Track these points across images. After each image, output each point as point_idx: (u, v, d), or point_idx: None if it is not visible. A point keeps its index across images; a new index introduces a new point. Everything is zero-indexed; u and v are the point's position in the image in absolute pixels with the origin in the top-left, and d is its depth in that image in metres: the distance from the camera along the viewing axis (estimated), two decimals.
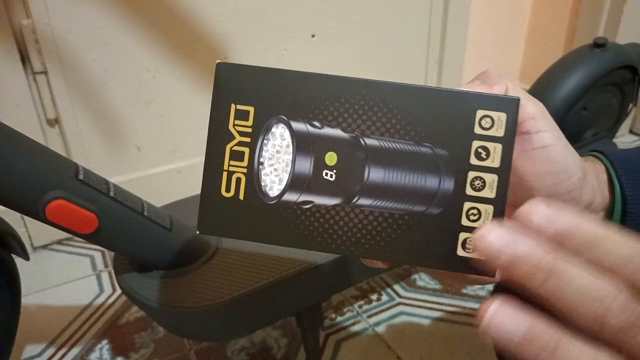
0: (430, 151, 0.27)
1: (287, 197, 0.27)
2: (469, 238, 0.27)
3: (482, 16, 1.44)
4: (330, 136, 0.27)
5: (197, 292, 0.60)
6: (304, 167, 0.27)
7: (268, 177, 0.27)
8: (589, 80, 0.97)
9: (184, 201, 0.79)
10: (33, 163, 0.51)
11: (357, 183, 0.27)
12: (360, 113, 0.27)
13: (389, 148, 0.27)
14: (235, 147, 0.28)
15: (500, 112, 0.26)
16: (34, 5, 0.88)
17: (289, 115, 0.27)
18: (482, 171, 0.26)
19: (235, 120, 0.28)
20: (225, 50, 1.08)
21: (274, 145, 0.27)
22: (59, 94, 0.95)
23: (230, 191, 0.28)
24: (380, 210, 0.27)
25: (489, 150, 0.26)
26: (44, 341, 0.83)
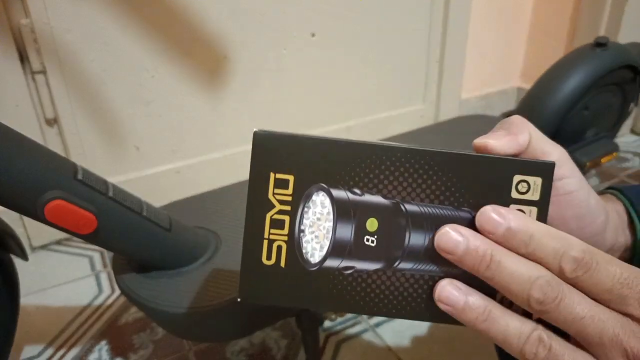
0: (469, 215, 0.28)
1: (328, 264, 0.28)
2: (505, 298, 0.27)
3: (483, 16, 1.44)
4: (371, 203, 0.28)
5: (197, 292, 0.60)
6: (345, 233, 0.28)
7: (309, 244, 0.28)
8: (590, 79, 0.97)
9: (183, 201, 0.79)
10: (32, 163, 0.50)
11: (399, 248, 0.28)
12: (400, 180, 0.28)
13: (429, 214, 0.28)
14: (275, 216, 0.28)
15: (536, 177, 0.27)
16: (33, 5, 0.87)
17: (329, 183, 0.28)
18: None
19: (275, 189, 0.28)
20: (225, 50, 1.08)
21: (314, 213, 0.28)
22: (57, 94, 0.95)
23: (271, 259, 0.28)
24: (420, 274, 0.28)
25: (525, 213, 0.27)
26: (43, 342, 0.83)
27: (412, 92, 1.41)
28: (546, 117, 0.98)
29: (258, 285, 0.28)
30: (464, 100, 1.52)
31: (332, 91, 1.26)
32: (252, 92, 1.15)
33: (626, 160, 1.37)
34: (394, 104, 1.38)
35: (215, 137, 1.15)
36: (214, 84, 1.10)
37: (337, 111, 1.29)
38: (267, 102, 1.18)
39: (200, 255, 0.65)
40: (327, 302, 0.28)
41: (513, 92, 1.63)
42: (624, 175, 1.30)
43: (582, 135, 1.05)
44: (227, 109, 1.13)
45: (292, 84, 1.19)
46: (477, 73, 1.52)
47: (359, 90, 1.30)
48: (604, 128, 1.09)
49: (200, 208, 0.77)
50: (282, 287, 0.28)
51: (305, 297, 0.28)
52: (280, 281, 0.28)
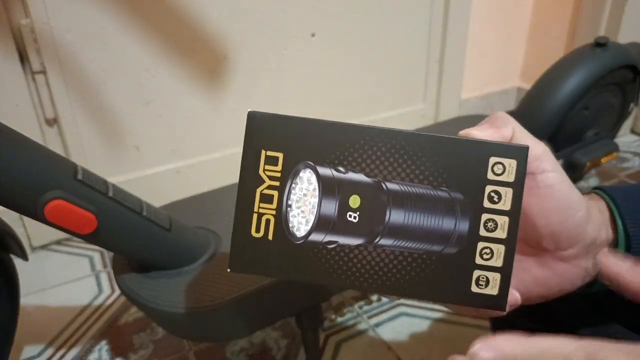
0: (447, 195, 0.29)
1: (313, 238, 0.29)
2: (482, 275, 0.29)
3: (483, 15, 1.43)
4: (354, 180, 0.29)
5: (197, 292, 0.60)
6: (329, 209, 0.29)
7: (295, 218, 0.29)
8: (590, 79, 0.97)
9: (183, 201, 0.79)
10: (32, 163, 0.50)
11: (379, 224, 0.29)
12: (382, 159, 0.29)
13: (408, 192, 0.29)
14: (265, 191, 0.30)
15: (511, 159, 0.29)
16: (33, 5, 0.87)
17: (316, 161, 0.29)
18: (494, 214, 0.29)
19: (266, 165, 0.30)
20: (225, 50, 1.08)
21: (301, 189, 0.29)
22: (57, 94, 0.95)
23: (260, 232, 0.30)
24: (400, 250, 0.29)
25: (500, 194, 0.29)
26: (43, 342, 0.83)
27: (412, 92, 1.41)
28: (546, 117, 0.98)
29: (247, 257, 0.30)
30: (464, 100, 1.52)
31: (332, 91, 1.25)
32: (252, 92, 1.15)
33: (626, 160, 1.37)
34: (394, 104, 1.38)
35: (215, 137, 1.14)
36: (214, 84, 1.10)
37: (337, 111, 1.29)
38: (267, 102, 1.18)
39: (200, 255, 0.65)
40: (310, 275, 0.30)
41: (513, 92, 1.63)
42: (623, 175, 1.30)
43: (582, 135, 1.05)
44: (227, 109, 1.13)
45: (292, 84, 1.19)
46: (477, 73, 1.52)
47: (359, 90, 1.30)
48: (604, 128, 1.09)
49: (200, 208, 0.77)
50: (269, 259, 0.30)
51: (290, 269, 0.30)
52: (267, 253, 0.30)
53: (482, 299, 0.29)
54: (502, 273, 0.29)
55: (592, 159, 1.03)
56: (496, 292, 0.29)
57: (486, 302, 0.29)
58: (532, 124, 1.00)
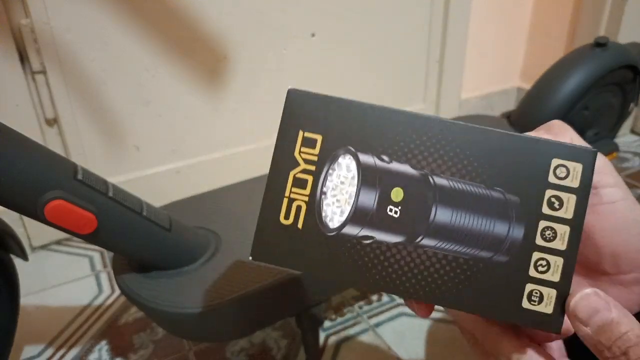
0: (501, 196, 0.26)
1: (347, 230, 0.27)
2: (535, 290, 0.26)
3: (483, 15, 1.43)
4: (398, 172, 0.26)
5: (197, 292, 0.60)
6: (368, 200, 0.26)
7: (330, 207, 0.27)
8: (590, 79, 0.97)
9: (183, 201, 0.79)
10: (32, 163, 0.50)
11: (423, 222, 0.26)
12: (431, 151, 0.26)
13: (458, 189, 0.26)
14: (299, 174, 0.27)
15: (576, 163, 0.26)
16: (33, 5, 0.87)
17: (357, 147, 0.27)
18: (554, 221, 0.26)
19: (302, 147, 0.27)
20: (225, 49, 1.08)
21: (338, 176, 0.27)
22: (57, 94, 0.95)
23: (289, 218, 0.27)
24: (444, 253, 0.26)
25: (562, 200, 0.26)
26: (43, 342, 0.83)
27: (412, 92, 1.41)
28: (546, 117, 0.98)
29: (272, 245, 0.27)
30: (464, 100, 1.52)
31: (332, 91, 1.25)
32: (252, 92, 1.15)
33: (626, 160, 1.37)
34: (394, 104, 1.37)
35: (215, 137, 1.14)
36: (214, 84, 1.10)
37: None
38: (267, 102, 1.18)
39: (200, 255, 0.65)
40: (339, 273, 0.27)
41: (513, 92, 1.63)
42: (624, 175, 1.30)
43: (582, 135, 1.05)
44: (227, 109, 1.13)
45: (292, 84, 1.19)
46: (477, 73, 1.52)
47: (359, 90, 1.30)
48: (604, 128, 1.09)
49: (200, 208, 0.77)
50: (296, 249, 0.27)
51: (318, 264, 0.27)
52: (295, 243, 0.27)
53: (533, 317, 0.25)
54: (559, 289, 0.25)
55: None
56: (551, 311, 0.25)
57: (538, 321, 0.25)
58: (532, 124, 0.99)
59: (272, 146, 1.07)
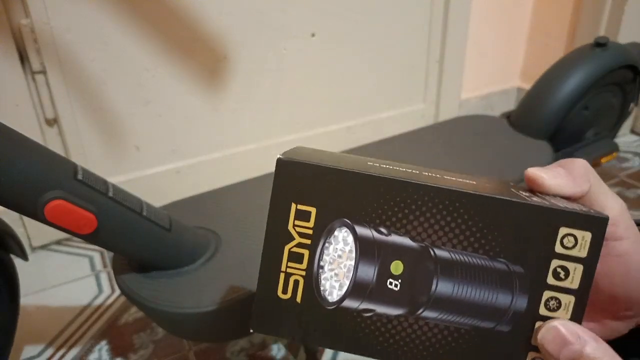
0: (504, 267, 0.25)
1: (347, 304, 0.26)
2: (537, 358, 0.26)
3: (483, 15, 1.43)
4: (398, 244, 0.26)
5: (197, 292, 0.60)
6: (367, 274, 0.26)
7: (328, 281, 0.26)
8: (590, 79, 0.97)
9: (183, 201, 0.79)
10: (32, 163, 0.50)
11: (424, 295, 0.26)
12: (432, 222, 0.25)
13: (460, 261, 0.26)
14: (294, 249, 0.27)
15: (585, 232, 0.25)
16: (33, 5, 0.87)
17: (354, 219, 0.26)
18: (558, 291, 0.25)
19: (296, 220, 0.26)
20: (225, 49, 1.08)
21: (335, 250, 0.26)
22: (57, 94, 0.95)
23: (287, 293, 0.27)
24: (446, 324, 0.26)
25: (568, 270, 0.25)
26: (43, 342, 0.83)
27: (412, 92, 1.41)
28: (546, 117, 0.98)
29: (271, 318, 0.27)
30: (464, 100, 1.52)
31: (332, 91, 1.25)
32: (252, 92, 1.15)
33: (626, 160, 1.37)
34: (394, 104, 1.38)
35: (215, 137, 1.14)
36: (214, 84, 1.10)
37: (337, 111, 1.29)
38: (267, 102, 1.18)
39: (200, 255, 0.65)
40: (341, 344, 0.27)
41: (513, 92, 1.63)
42: (623, 175, 1.30)
43: (582, 135, 1.05)
44: (227, 109, 1.13)
45: (292, 84, 1.19)
46: (477, 73, 1.52)
47: (359, 90, 1.30)
48: (604, 128, 1.09)
49: (200, 208, 0.77)
50: (296, 323, 0.27)
51: (319, 336, 0.27)
52: (294, 317, 0.27)
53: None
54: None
55: (592, 159, 1.03)
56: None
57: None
58: (532, 124, 1.00)
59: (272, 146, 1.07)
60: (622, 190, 1.22)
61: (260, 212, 0.74)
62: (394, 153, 0.98)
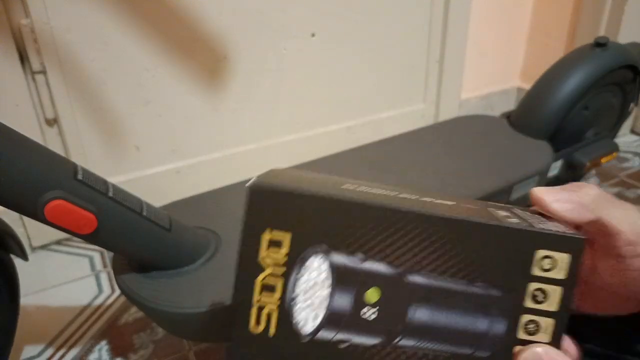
0: (482, 292, 0.25)
1: (322, 335, 0.25)
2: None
3: (483, 15, 1.43)
4: (373, 272, 0.25)
5: (197, 292, 0.60)
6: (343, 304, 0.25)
7: (302, 312, 0.25)
8: (590, 79, 0.97)
9: (183, 201, 0.79)
10: (32, 163, 0.50)
11: (400, 323, 0.25)
12: (408, 247, 0.25)
13: (436, 287, 0.25)
14: (267, 279, 0.26)
15: (563, 254, 0.24)
16: (33, 5, 0.87)
17: (329, 246, 0.25)
18: (537, 314, 0.25)
19: (268, 249, 0.26)
20: (225, 49, 1.08)
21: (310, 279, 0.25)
22: (57, 94, 0.95)
23: (260, 326, 0.26)
24: (424, 352, 0.25)
25: (546, 293, 0.25)
26: (43, 342, 0.83)
27: (412, 92, 1.41)
28: (546, 117, 0.98)
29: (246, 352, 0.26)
30: (464, 100, 1.52)
31: (332, 91, 1.25)
32: (252, 92, 1.15)
33: (626, 160, 1.37)
34: (394, 104, 1.38)
35: (215, 137, 1.14)
36: (214, 84, 1.10)
37: (337, 111, 1.29)
38: (267, 102, 1.18)
39: (200, 255, 0.65)
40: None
41: (513, 92, 1.63)
42: (624, 175, 1.30)
43: (582, 135, 1.05)
44: (227, 109, 1.13)
45: (292, 84, 1.19)
46: (477, 73, 1.52)
47: (359, 90, 1.30)
48: (604, 128, 1.09)
49: (200, 208, 0.77)
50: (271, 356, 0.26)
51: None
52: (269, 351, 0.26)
53: None
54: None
55: (592, 159, 1.03)
56: None
57: None
58: (532, 124, 1.00)
59: (272, 146, 1.07)
60: (622, 190, 1.22)
61: None
62: (394, 153, 0.98)
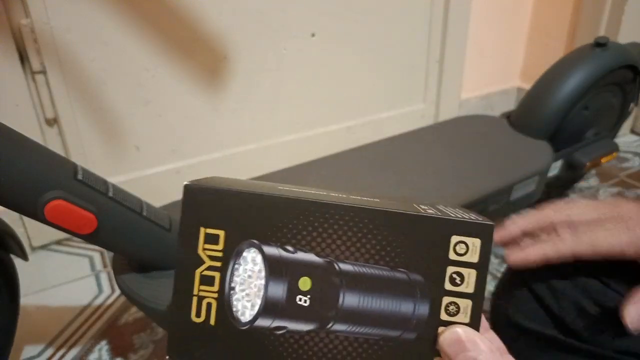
0: (405, 277, 0.27)
1: (259, 323, 0.27)
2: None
3: (483, 15, 1.43)
4: (304, 261, 0.27)
5: None
6: (277, 292, 0.27)
7: (240, 302, 0.27)
8: (590, 79, 0.97)
9: None
10: (32, 163, 0.50)
11: (332, 308, 0.27)
12: (334, 237, 0.27)
13: (363, 273, 0.27)
14: (205, 272, 0.27)
15: (474, 238, 0.26)
16: (33, 5, 0.87)
17: (261, 239, 0.27)
18: (456, 296, 0.27)
19: (205, 244, 0.27)
20: (225, 49, 1.08)
21: (245, 270, 0.27)
22: (57, 94, 0.95)
23: (200, 316, 0.27)
24: (355, 336, 0.27)
25: (463, 275, 0.27)
26: (43, 342, 0.83)
27: (412, 92, 1.41)
28: (546, 117, 0.98)
29: (187, 343, 0.27)
30: (464, 100, 1.52)
31: (332, 91, 1.26)
32: (252, 92, 1.15)
33: (626, 160, 1.37)
34: (394, 104, 1.38)
35: (215, 137, 1.14)
36: (214, 84, 1.10)
37: (337, 111, 1.29)
38: (267, 102, 1.18)
39: None
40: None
41: (513, 92, 1.63)
42: (624, 175, 1.30)
43: (582, 135, 1.05)
44: (227, 109, 1.13)
45: (292, 84, 1.19)
46: (477, 73, 1.52)
47: (359, 90, 1.30)
48: (604, 128, 1.09)
49: None
50: (212, 345, 0.27)
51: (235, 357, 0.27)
52: (210, 340, 0.27)
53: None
54: None
55: (592, 159, 1.03)
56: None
57: None
58: (532, 124, 1.00)
59: (272, 146, 1.07)
60: (622, 190, 1.22)
61: None
62: (394, 153, 0.98)
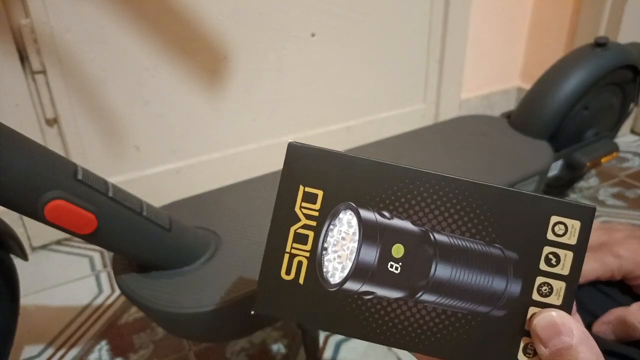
0: (500, 253, 0.27)
1: (348, 286, 0.27)
2: (530, 344, 0.26)
3: (483, 15, 1.43)
4: (399, 228, 0.27)
5: (197, 292, 0.60)
6: (369, 257, 0.27)
7: (331, 263, 0.27)
8: (590, 79, 0.97)
9: (183, 201, 0.79)
10: (32, 163, 0.50)
11: (423, 278, 0.27)
12: (432, 207, 0.27)
13: (458, 246, 0.27)
14: (299, 230, 0.28)
15: (574, 220, 0.26)
16: (33, 5, 0.87)
17: (358, 203, 0.27)
18: (550, 277, 0.26)
19: (303, 202, 0.27)
20: (225, 49, 1.08)
21: (339, 232, 0.27)
22: (57, 94, 0.95)
23: (290, 274, 0.28)
24: (443, 308, 0.27)
25: (559, 257, 0.26)
26: (43, 342, 0.83)
27: (412, 92, 1.41)
28: (546, 117, 0.98)
29: (274, 300, 0.28)
30: (464, 100, 1.52)
31: (332, 91, 1.26)
32: (252, 92, 1.15)
33: (626, 160, 1.37)
34: (394, 104, 1.38)
35: (215, 137, 1.14)
36: (214, 84, 1.10)
37: (337, 111, 1.29)
38: (267, 102, 1.18)
39: (200, 255, 0.65)
40: (341, 326, 0.27)
41: (513, 92, 1.63)
42: (624, 175, 1.30)
43: (582, 135, 1.05)
44: (227, 109, 1.13)
45: (292, 84, 1.19)
46: (477, 73, 1.52)
47: (359, 90, 1.30)
48: (604, 128, 1.09)
49: (200, 208, 0.77)
50: (298, 304, 0.27)
51: (320, 318, 0.27)
52: (297, 298, 0.27)
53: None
54: None
55: (592, 159, 1.03)
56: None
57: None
58: (532, 124, 1.00)
59: (272, 146, 1.07)
60: (622, 190, 1.22)
61: (260, 212, 0.74)
62: (394, 153, 0.98)
